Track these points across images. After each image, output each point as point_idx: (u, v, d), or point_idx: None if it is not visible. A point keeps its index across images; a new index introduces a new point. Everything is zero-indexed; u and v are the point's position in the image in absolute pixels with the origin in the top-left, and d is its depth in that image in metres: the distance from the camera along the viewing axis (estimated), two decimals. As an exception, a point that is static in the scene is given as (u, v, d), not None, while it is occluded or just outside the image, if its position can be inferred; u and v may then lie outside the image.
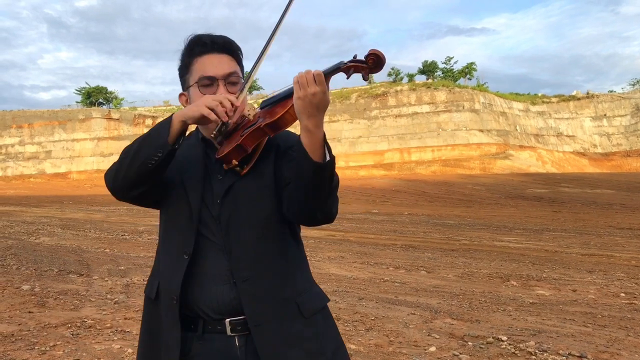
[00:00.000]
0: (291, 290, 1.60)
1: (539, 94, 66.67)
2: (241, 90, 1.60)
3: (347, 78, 1.45)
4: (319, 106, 1.39)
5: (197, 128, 1.77)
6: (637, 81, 67.88)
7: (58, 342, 4.80)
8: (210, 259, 1.56)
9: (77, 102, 65.48)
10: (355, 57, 1.42)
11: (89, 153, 57.51)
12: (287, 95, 1.51)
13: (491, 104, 57.11)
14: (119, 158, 1.60)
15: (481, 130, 54.32)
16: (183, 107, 1.70)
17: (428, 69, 64.56)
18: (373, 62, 1.39)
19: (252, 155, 1.58)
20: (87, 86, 65.67)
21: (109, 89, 66.19)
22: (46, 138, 58.02)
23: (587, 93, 65.77)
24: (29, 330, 5.18)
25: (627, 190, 32.13)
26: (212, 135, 1.56)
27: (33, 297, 6.62)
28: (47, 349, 4.63)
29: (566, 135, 61.67)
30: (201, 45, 1.65)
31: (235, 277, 1.54)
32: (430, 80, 61.22)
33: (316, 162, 1.40)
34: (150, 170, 1.52)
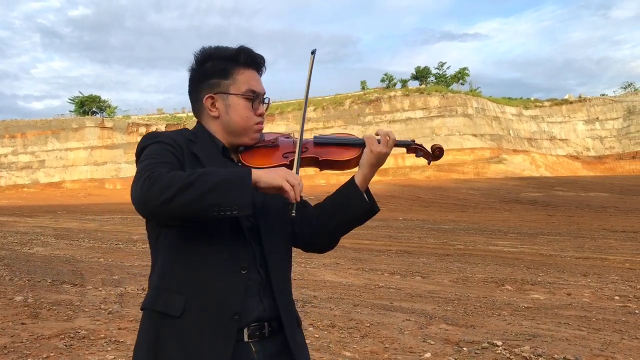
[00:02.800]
0: (293, 302, 1.71)
1: (532, 98, 67.06)
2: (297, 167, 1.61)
3: (408, 153, 1.79)
4: (380, 163, 1.69)
5: (202, 126, 1.69)
6: (629, 84, 68.49)
7: (51, 354, 4.76)
8: (251, 272, 1.55)
9: (71, 112, 65.48)
10: (420, 145, 1.77)
11: (83, 162, 57.40)
12: (351, 143, 1.73)
13: (484, 109, 57.34)
14: (181, 182, 1.35)
15: (475, 135, 54.50)
16: (209, 110, 1.65)
17: (421, 74, 64.83)
18: (439, 153, 1.74)
19: None
20: (81, 95, 65.63)
21: (103, 98, 66.20)
22: (39, 147, 57.89)
23: (580, 97, 66.16)
24: (22, 341, 5.14)
25: (621, 192, 32.28)
26: (291, 213, 1.50)
27: (26, 308, 6.57)
28: (40, 360, 4.60)
29: (559, 139, 61.96)
30: (250, 58, 1.68)
31: (275, 288, 1.58)
32: (423, 86, 61.46)
33: (372, 207, 1.69)
34: (211, 216, 1.38)
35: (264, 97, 1.72)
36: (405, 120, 54.72)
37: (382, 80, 62.54)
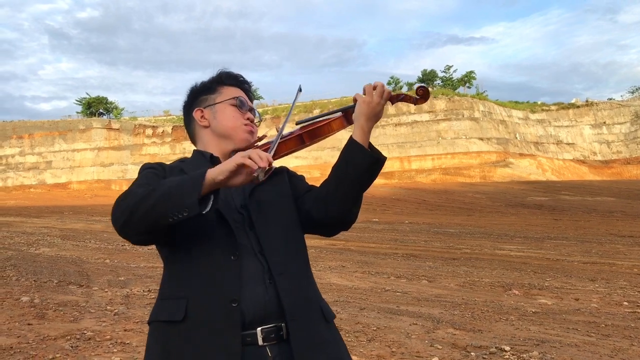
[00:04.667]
0: (314, 293, 1.66)
1: (539, 102, 66.76)
2: (273, 148, 1.63)
3: (392, 103, 1.74)
4: (378, 115, 1.62)
5: (196, 149, 1.80)
6: (636, 89, 67.96)
7: (57, 355, 4.76)
8: (245, 262, 1.54)
9: (78, 113, 65.62)
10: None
11: (89, 163, 57.55)
12: (328, 113, 1.73)
13: (491, 112, 57.18)
14: (137, 197, 1.44)
15: (481, 139, 54.34)
16: (199, 121, 1.77)
17: (427, 77, 64.78)
18: (423, 92, 1.68)
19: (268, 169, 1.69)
20: (88, 96, 65.84)
21: (110, 99, 66.33)
22: (46, 148, 58.09)
23: (587, 101, 65.86)
24: (28, 342, 5.14)
25: (628, 197, 32.11)
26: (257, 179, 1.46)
27: (32, 308, 6.57)
28: (46, 361, 4.59)
29: (566, 143, 61.69)
30: (233, 79, 1.81)
31: (273, 271, 1.54)
32: (429, 89, 61.37)
33: (374, 155, 1.59)
34: (169, 225, 1.43)
35: (253, 110, 1.80)
36: (412, 124, 54.61)
37: (388, 84, 62.49)
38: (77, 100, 67.96)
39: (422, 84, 1.68)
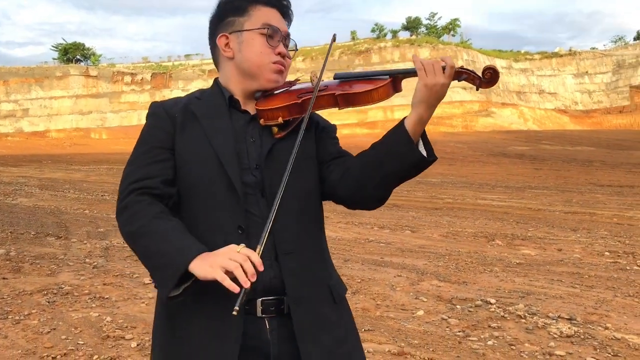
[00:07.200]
0: (324, 272, 1.50)
1: (522, 51, 66.47)
2: (262, 243, 1.25)
3: (458, 80, 1.42)
4: (439, 98, 1.35)
5: (217, 81, 1.54)
6: (619, 38, 67.95)
7: (33, 311, 4.63)
8: (253, 235, 1.34)
9: (54, 59, 63.92)
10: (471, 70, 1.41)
11: (68, 111, 56.44)
12: (373, 74, 1.47)
13: (474, 61, 56.82)
14: (129, 219, 1.40)
15: (464, 88, 54.13)
16: (223, 50, 1.49)
17: (412, 25, 63.86)
18: (490, 77, 1.39)
19: (294, 121, 1.46)
20: (64, 42, 64.03)
21: (87, 45, 64.58)
22: (23, 96, 56.75)
23: (570, 50, 65.72)
24: (3, 297, 4.99)
25: (607, 147, 32.39)
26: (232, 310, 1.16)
27: (8, 262, 6.40)
28: (22, 317, 4.45)
29: (548, 93, 61.80)
30: None
31: (278, 250, 1.38)
32: (414, 37, 60.58)
33: (424, 156, 1.37)
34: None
35: (287, 37, 1.51)
36: (395, 72, 54.12)
37: (373, 31, 61.68)
38: (53, 46, 66.25)
39: (492, 66, 1.40)
